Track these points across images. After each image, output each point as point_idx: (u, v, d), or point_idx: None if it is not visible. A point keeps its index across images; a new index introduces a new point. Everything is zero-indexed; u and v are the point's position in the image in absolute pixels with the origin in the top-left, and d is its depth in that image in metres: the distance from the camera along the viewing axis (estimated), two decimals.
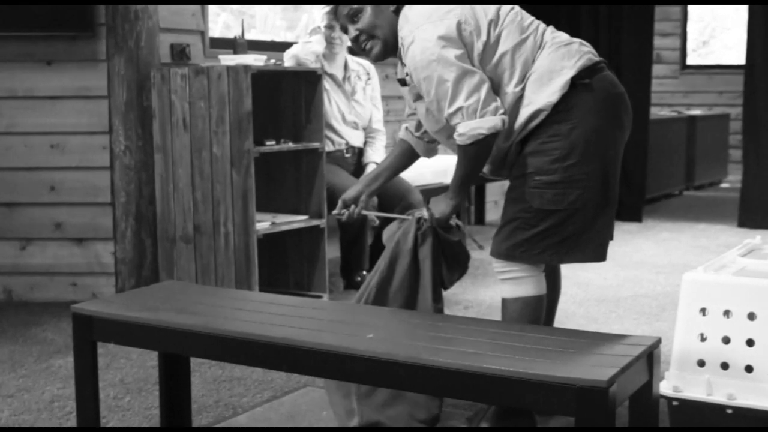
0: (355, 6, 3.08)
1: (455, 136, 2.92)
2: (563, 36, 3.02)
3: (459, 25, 2.90)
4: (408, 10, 3.01)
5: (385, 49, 3.09)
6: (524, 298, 2.96)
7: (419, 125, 3.29)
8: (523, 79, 2.93)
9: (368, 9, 3.06)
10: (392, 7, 3.06)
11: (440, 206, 3.07)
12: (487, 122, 2.86)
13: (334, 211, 3.36)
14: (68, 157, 4.91)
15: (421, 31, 2.92)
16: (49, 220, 4.94)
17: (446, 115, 2.91)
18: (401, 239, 3.09)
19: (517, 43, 2.94)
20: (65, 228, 4.94)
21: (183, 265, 4.71)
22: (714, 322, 2.72)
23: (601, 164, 2.90)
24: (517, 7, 3.06)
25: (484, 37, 2.93)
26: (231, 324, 2.62)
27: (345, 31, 3.17)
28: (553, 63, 2.91)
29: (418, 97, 3.06)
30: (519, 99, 2.93)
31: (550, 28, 3.06)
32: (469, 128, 2.87)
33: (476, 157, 2.95)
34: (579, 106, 2.89)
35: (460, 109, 2.87)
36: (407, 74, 3.05)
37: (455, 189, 3.05)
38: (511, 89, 2.93)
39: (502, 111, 2.89)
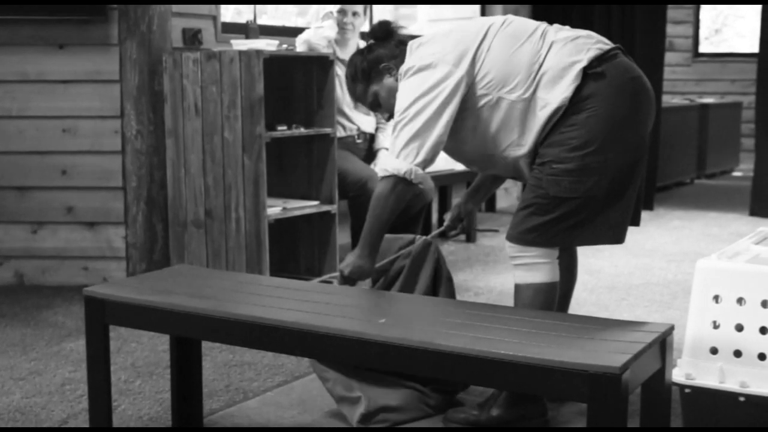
0: (369, 97, 3.18)
1: None
2: (569, 32, 3.00)
3: (441, 69, 2.94)
4: (405, 65, 3.07)
5: None
6: (537, 284, 2.95)
7: None
8: (528, 82, 2.91)
9: (380, 91, 3.16)
10: (393, 77, 3.14)
11: (349, 260, 3.09)
12: (395, 162, 2.93)
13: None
14: (80, 141, 4.91)
15: (408, 67, 3.00)
16: (60, 203, 4.95)
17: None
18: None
19: (512, 53, 2.94)
20: (77, 212, 4.95)
21: (194, 250, 4.72)
22: (727, 309, 2.71)
23: (619, 151, 2.88)
24: (509, 17, 3.07)
25: (466, 65, 2.95)
26: (242, 308, 2.62)
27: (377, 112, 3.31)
28: (562, 60, 2.90)
29: None
30: (531, 103, 2.92)
31: (555, 27, 3.04)
32: (382, 162, 3.03)
33: (379, 194, 2.97)
34: (594, 94, 2.88)
35: (390, 146, 2.98)
36: None
37: (363, 237, 3.05)
38: (516, 96, 2.93)
39: (418, 162, 2.92)
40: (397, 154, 2.93)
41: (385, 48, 3.16)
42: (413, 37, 3.22)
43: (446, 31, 3.07)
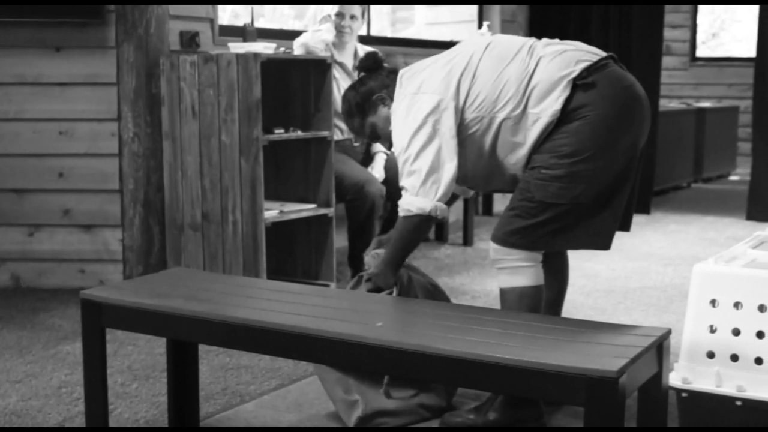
0: (367, 129, 3.23)
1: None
2: (556, 46, 3.02)
3: (432, 100, 2.97)
4: (396, 94, 3.10)
5: None
6: (521, 288, 2.95)
7: None
8: (518, 99, 2.93)
9: (376, 122, 3.21)
10: (387, 107, 3.17)
11: (377, 270, 3.13)
12: (419, 202, 2.96)
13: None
14: (77, 144, 4.90)
15: (401, 104, 3.04)
16: (57, 206, 4.94)
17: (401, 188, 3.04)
18: None
19: (500, 73, 2.97)
20: (73, 215, 4.95)
21: (191, 253, 4.71)
22: (724, 313, 2.71)
23: (609, 160, 2.89)
24: (495, 39, 3.09)
25: (453, 90, 2.98)
26: (239, 311, 2.62)
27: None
28: (551, 75, 2.92)
29: None
30: (523, 119, 2.93)
31: (543, 41, 3.06)
32: (404, 202, 2.99)
33: (405, 232, 3.03)
34: (585, 104, 2.89)
35: (403, 186, 3.00)
36: None
37: (390, 259, 3.11)
38: (506, 113, 2.95)
39: (440, 197, 2.96)
40: (416, 192, 2.95)
41: (376, 79, 3.22)
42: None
43: (433, 59, 3.12)
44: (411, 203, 2.97)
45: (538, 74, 2.93)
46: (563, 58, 2.95)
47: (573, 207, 2.89)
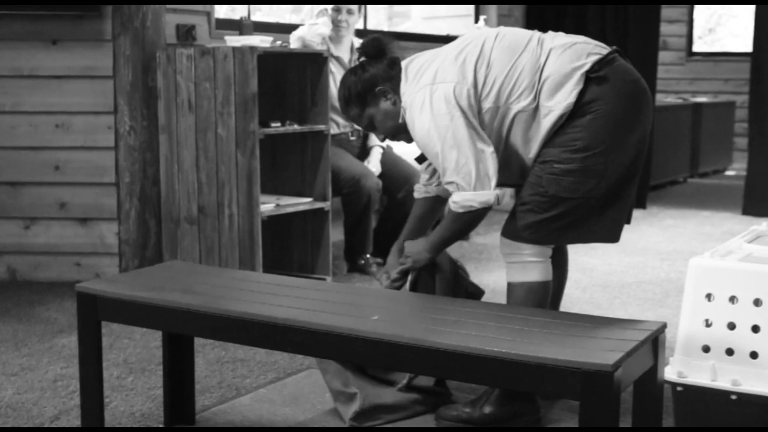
0: (364, 120, 3.15)
1: (450, 201, 2.99)
2: (565, 38, 3.00)
3: (453, 89, 2.93)
4: (404, 88, 3.05)
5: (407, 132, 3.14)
6: (530, 283, 2.96)
7: (433, 173, 3.26)
8: (533, 90, 2.91)
9: (376, 114, 3.13)
10: (389, 101, 3.10)
11: (417, 249, 3.11)
12: (481, 197, 2.92)
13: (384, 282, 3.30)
14: (73, 137, 4.90)
15: (417, 97, 2.98)
16: (53, 199, 4.94)
17: (444, 185, 2.99)
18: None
19: (514, 62, 2.94)
20: (69, 208, 4.94)
21: (187, 247, 4.71)
22: (719, 307, 2.72)
23: (621, 154, 2.89)
24: (501, 30, 3.07)
25: (471, 79, 2.95)
26: (235, 304, 2.62)
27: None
28: (563, 67, 2.90)
29: None
30: (535, 111, 2.92)
31: (550, 34, 3.05)
32: (462, 198, 2.94)
33: (464, 225, 3.02)
34: (597, 98, 2.88)
35: (453, 182, 2.94)
36: None
37: (435, 246, 3.09)
38: (522, 106, 2.93)
39: (495, 184, 2.93)
40: (473, 186, 2.91)
41: (378, 67, 3.12)
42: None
43: (436, 51, 3.08)
44: (472, 199, 2.92)
45: (550, 66, 2.91)
46: (574, 51, 2.94)
47: (585, 201, 2.90)
